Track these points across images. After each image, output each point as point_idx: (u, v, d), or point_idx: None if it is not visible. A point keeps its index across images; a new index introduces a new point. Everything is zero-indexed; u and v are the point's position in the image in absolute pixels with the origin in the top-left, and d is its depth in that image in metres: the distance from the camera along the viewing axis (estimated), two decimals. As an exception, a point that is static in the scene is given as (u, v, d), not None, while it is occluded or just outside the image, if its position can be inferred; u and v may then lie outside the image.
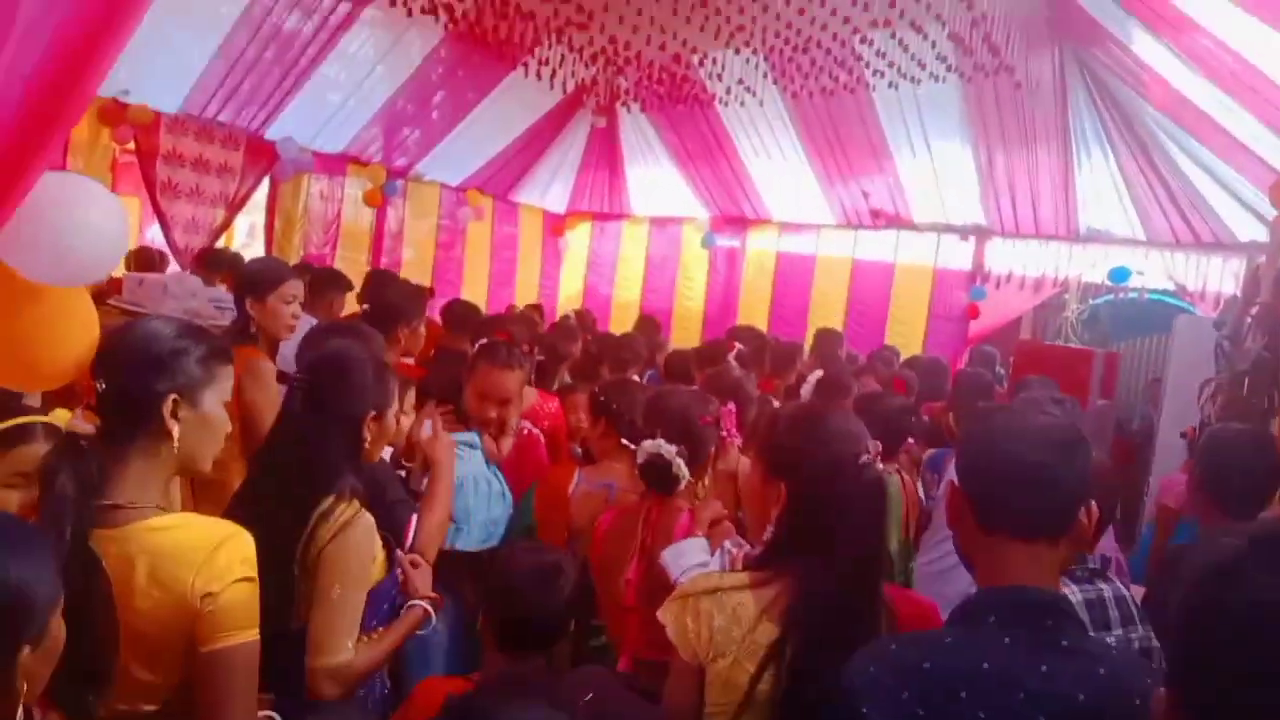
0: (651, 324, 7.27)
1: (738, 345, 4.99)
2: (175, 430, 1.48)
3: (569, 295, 10.38)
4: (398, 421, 2.15)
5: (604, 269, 10.43)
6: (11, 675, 1.03)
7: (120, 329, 1.59)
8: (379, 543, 1.93)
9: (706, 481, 2.35)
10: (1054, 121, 6.73)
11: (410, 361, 3.74)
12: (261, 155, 7.09)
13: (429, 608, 2.00)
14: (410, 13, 6.09)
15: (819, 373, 4.50)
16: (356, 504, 1.86)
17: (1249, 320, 4.47)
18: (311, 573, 1.78)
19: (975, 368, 6.07)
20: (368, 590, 1.87)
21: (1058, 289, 8.02)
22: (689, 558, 2.02)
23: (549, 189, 10.01)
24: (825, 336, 6.36)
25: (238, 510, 1.85)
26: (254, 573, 1.44)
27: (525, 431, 3.08)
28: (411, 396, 2.53)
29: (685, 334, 9.10)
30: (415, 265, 8.69)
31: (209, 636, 1.38)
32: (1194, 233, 7.05)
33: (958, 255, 8.30)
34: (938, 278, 8.37)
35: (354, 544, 1.81)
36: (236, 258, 6.12)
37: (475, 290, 9.22)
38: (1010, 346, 7.46)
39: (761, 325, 8.00)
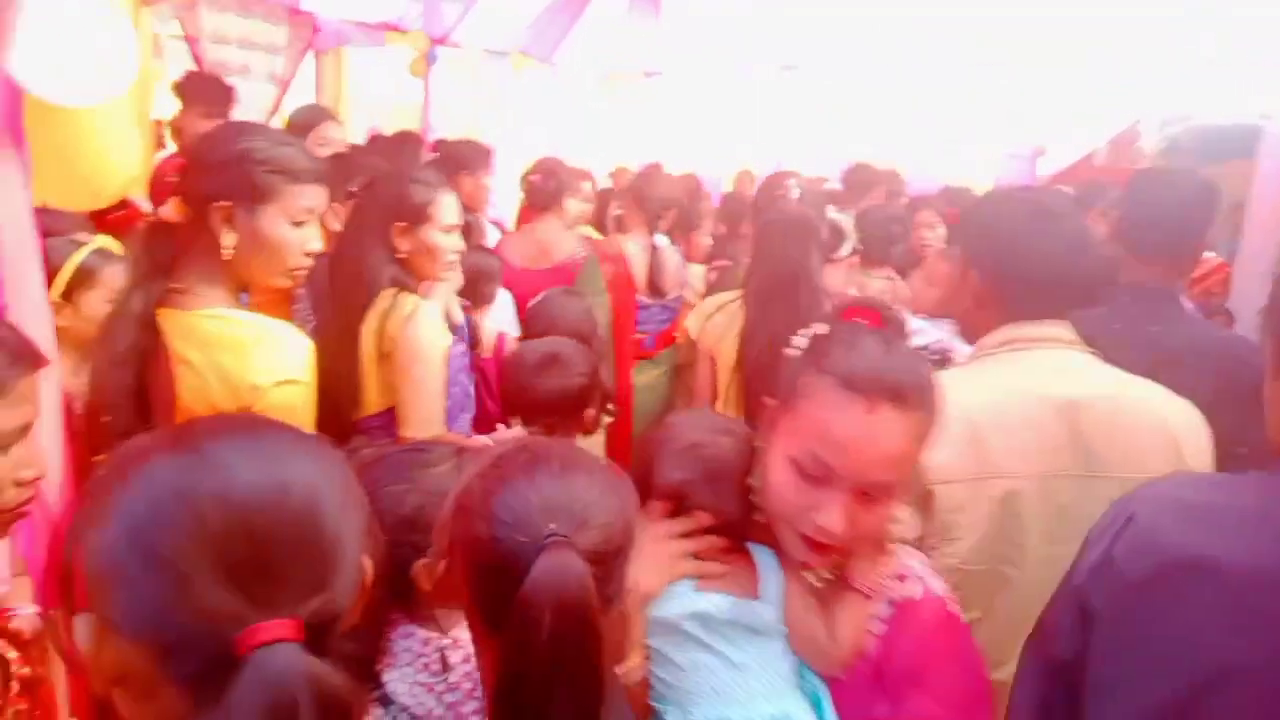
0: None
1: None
2: (226, 239, 1.43)
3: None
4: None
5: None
6: None
7: (214, 130, 1.59)
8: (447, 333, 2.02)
9: None
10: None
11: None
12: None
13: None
14: None
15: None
16: (416, 298, 1.95)
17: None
18: (389, 360, 1.89)
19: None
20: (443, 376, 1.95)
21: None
22: None
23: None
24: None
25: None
26: (306, 377, 1.45)
27: None
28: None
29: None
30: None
31: None
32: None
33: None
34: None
35: (424, 331, 1.91)
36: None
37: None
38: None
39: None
